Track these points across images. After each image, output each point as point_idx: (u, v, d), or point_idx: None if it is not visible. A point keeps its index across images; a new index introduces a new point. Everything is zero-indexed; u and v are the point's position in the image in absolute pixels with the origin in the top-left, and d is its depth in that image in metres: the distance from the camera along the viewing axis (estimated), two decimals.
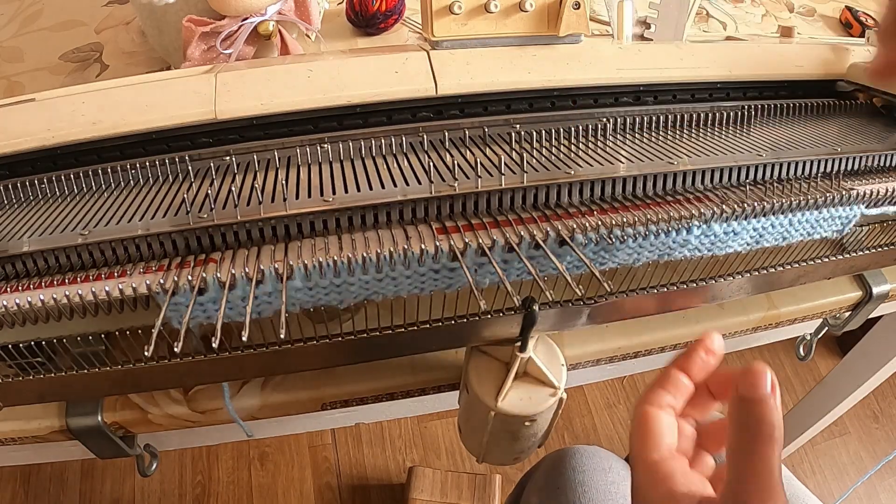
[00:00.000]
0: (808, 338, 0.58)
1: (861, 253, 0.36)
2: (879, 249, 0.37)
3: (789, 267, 0.34)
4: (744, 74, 0.39)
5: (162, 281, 0.25)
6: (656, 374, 0.30)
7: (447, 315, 0.30)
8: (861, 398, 0.83)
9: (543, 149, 0.32)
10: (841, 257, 0.36)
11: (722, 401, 0.34)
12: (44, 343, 0.27)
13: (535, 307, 0.30)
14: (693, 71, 0.38)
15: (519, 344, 0.32)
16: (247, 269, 0.24)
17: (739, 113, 0.37)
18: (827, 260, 0.35)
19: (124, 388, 0.34)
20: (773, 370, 0.27)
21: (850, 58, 0.41)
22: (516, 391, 0.33)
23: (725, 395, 0.34)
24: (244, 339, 0.23)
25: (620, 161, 0.31)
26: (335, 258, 0.24)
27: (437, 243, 0.25)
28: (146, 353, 0.22)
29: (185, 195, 0.27)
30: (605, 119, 0.35)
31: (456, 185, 0.28)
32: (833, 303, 0.45)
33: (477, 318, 0.30)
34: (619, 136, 0.35)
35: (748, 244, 0.29)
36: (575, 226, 0.27)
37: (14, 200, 0.31)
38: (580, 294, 0.24)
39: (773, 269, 0.34)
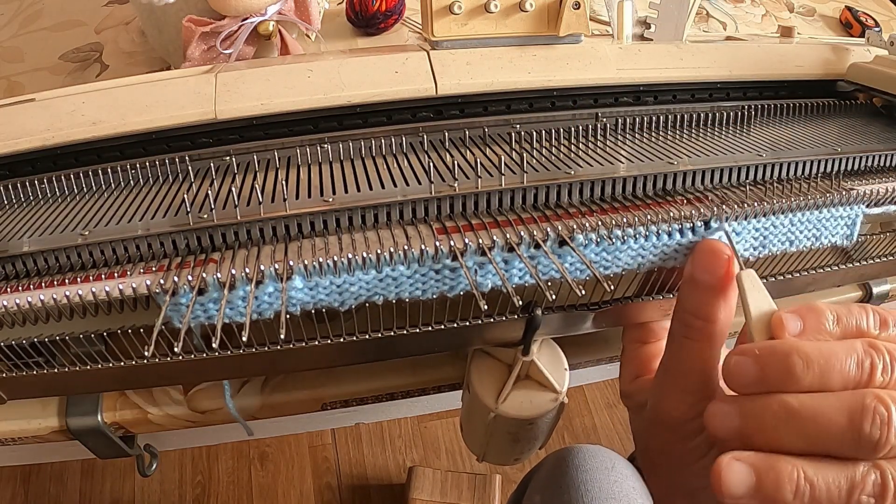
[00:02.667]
0: None
1: (871, 262, 0.36)
2: (891, 258, 0.37)
3: (798, 275, 0.34)
4: (744, 74, 0.39)
5: (162, 281, 0.25)
6: None
7: (449, 318, 0.30)
8: None
9: (543, 149, 0.32)
10: (850, 266, 0.35)
11: None
12: (46, 340, 0.27)
13: (538, 311, 0.30)
14: (693, 71, 0.38)
15: (521, 347, 0.32)
16: (247, 269, 0.24)
17: (739, 113, 0.37)
18: (837, 268, 0.35)
19: (125, 385, 0.34)
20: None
21: (850, 58, 0.41)
22: (517, 394, 0.33)
23: None
24: (244, 339, 0.23)
25: (620, 161, 0.31)
26: (335, 258, 0.24)
27: (437, 243, 0.25)
28: (146, 353, 0.22)
29: (185, 195, 0.27)
30: (605, 119, 0.35)
31: (456, 185, 0.28)
32: (834, 302, 0.46)
33: (479, 322, 0.30)
34: (619, 136, 0.35)
35: (753, 247, 0.29)
36: (575, 226, 0.27)
37: (14, 200, 0.31)
38: (580, 294, 0.24)
39: (782, 277, 0.34)
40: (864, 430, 0.19)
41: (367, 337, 0.29)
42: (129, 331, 0.27)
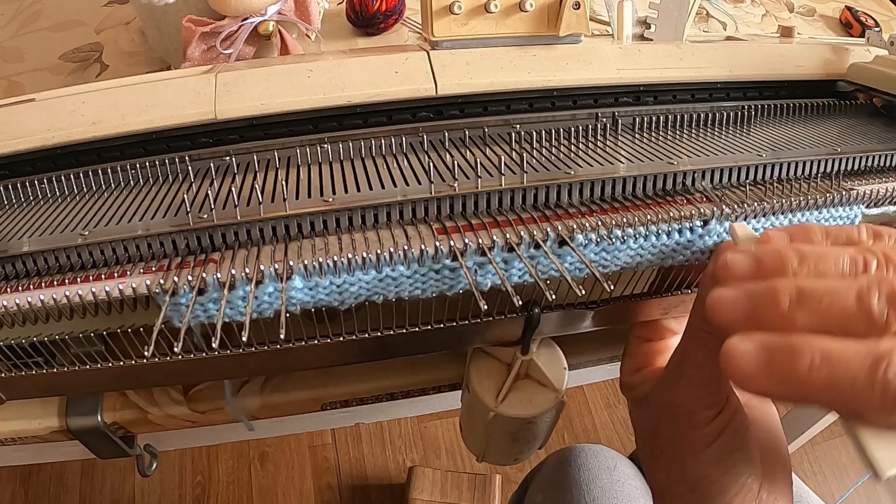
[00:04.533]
0: None
1: None
2: None
3: None
4: (744, 74, 0.39)
5: (162, 281, 0.25)
6: None
7: (449, 317, 0.30)
8: None
9: (543, 149, 0.32)
10: None
11: None
12: (46, 340, 0.27)
13: (537, 310, 0.30)
14: (693, 71, 0.38)
15: (521, 346, 0.32)
16: (247, 269, 0.24)
17: (739, 113, 0.37)
18: None
19: (125, 385, 0.34)
20: None
21: (850, 58, 0.41)
22: (516, 393, 0.33)
23: None
24: (244, 339, 0.23)
25: (620, 161, 0.31)
26: (335, 258, 0.24)
27: (437, 243, 0.25)
28: (146, 353, 0.22)
29: (185, 195, 0.27)
30: (604, 119, 0.35)
31: (456, 185, 0.28)
32: None
33: (479, 321, 0.30)
34: (619, 136, 0.35)
35: None
36: (575, 226, 0.27)
37: (14, 200, 0.31)
38: (580, 294, 0.24)
39: None
40: (873, 307, 0.18)
41: (366, 336, 0.29)
42: (129, 331, 0.27)
